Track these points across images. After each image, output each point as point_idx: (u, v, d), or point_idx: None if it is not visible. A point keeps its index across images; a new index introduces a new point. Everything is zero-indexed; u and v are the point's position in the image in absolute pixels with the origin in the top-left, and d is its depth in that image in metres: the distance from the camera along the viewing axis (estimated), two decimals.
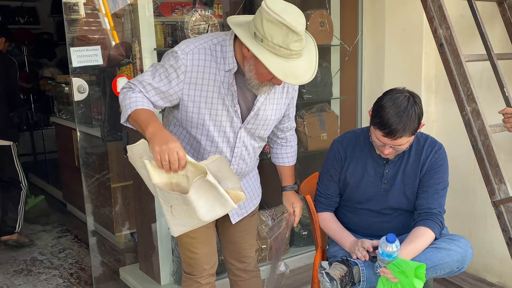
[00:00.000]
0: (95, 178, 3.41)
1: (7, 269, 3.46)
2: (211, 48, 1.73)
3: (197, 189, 1.57)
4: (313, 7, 3.31)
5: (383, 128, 1.89)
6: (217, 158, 1.66)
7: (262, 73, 1.66)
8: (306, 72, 1.65)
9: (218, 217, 1.68)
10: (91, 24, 2.76)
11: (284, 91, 1.90)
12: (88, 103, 3.52)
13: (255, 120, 1.84)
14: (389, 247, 1.80)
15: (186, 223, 1.68)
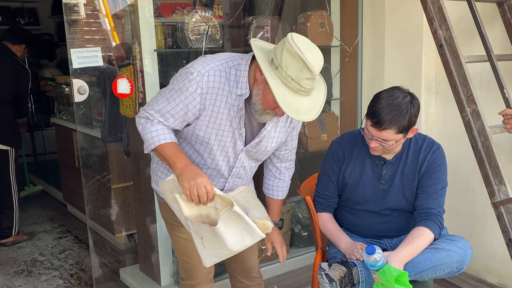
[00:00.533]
0: (95, 179, 3.42)
1: (8, 270, 3.47)
2: (226, 71, 1.73)
3: (225, 221, 1.63)
4: (313, 8, 3.32)
5: (371, 117, 1.93)
6: (244, 189, 1.76)
7: (268, 100, 1.67)
8: (309, 112, 1.66)
9: (247, 247, 1.72)
10: (92, 25, 2.76)
11: (287, 124, 1.90)
12: (89, 104, 3.52)
13: (256, 146, 1.84)
14: (371, 258, 1.82)
15: (216, 254, 1.73)
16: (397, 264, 1.85)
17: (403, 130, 1.93)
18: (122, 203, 3.54)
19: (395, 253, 1.90)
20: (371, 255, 1.82)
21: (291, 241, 3.35)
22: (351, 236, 2.15)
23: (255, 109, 1.72)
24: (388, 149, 2.00)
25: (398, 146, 2.02)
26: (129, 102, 2.75)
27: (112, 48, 2.70)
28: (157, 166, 1.97)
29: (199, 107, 1.72)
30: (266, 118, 1.75)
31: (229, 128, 1.77)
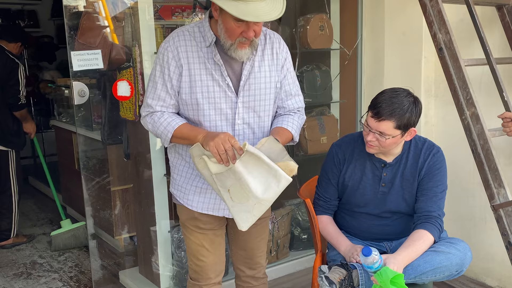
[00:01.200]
0: (95, 182, 3.41)
1: (7, 272, 3.46)
2: (189, 30, 1.84)
3: (245, 163, 1.66)
4: (313, 11, 3.32)
5: (373, 108, 1.96)
6: (266, 139, 1.76)
7: (230, 28, 1.71)
8: (269, 13, 1.67)
9: (276, 194, 1.72)
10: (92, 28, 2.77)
11: (274, 57, 1.89)
12: (89, 107, 3.52)
13: (249, 91, 1.84)
14: (368, 259, 1.82)
15: (247, 208, 1.73)
16: (396, 266, 1.85)
17: (401, 126, 1.94)
18: (122, 206, 3.54)
19: (393, 256, 1.90)
20: (368, 256, 1.82)
21: (291, 243, 3.35)
22: (351, 239, 2.15)
23: (227, 48, 1.77)
24: (384, 146, 2.00)
25: (394, 145, 2.02)
26: (129, 104, 2.75)
27: (112, 51, 2.70)
28: (172, 168, 2.00)
29: (179, 70, 1.80)
30: (243, 53, 1.77)
31: (212, 82, 1.80)
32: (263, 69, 1.86)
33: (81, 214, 4.10)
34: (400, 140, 2.01)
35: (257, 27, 1.73)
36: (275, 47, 1.91)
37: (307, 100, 3.32)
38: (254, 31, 1.72)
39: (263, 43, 1.90)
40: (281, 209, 3.22)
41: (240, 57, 1.78)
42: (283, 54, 1.94)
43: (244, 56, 1.78)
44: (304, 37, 3.27)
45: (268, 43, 1.91)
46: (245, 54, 1.78)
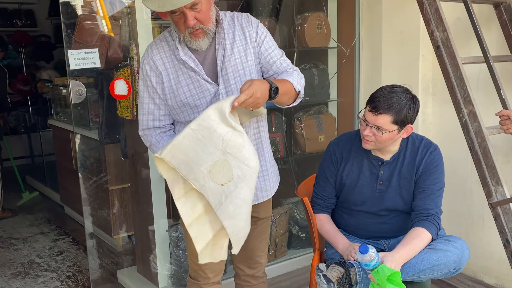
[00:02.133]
0: (92, 181, 3.41)
1: (5, 272, 3.46)
2: (160, 37, 1.88)
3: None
4: (310, 10, 3.32)
5: (370, 102, 1.98)
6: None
7: (174, 22, 1.75)
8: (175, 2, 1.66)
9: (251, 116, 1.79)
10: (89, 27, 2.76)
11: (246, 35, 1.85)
12: (86, 106, 3.52)
13: (227, 75, 1.82)
14: (365, 257, 1.83)
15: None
16: (393, 264, 1.86)
17: (398, 121, 1.95)
18: (120, 205, 3.54)
19: (391, 254, 1.90)
20: (365, 254, 1.82)
21: (289, 242, 3.36)
22: (348, 237, 2.15)
23: (184, 40, 1.79)
24: (381, 141, 2.00)
25: (390, 141, 2.02)
26: (126, 103, 2.75)
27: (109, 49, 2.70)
28: None
29: (160, 78, 1.83)
30: (200, 43, 1.77)
31: (190, 79, 1.81)
32: (236, 50, 1.84)
33: (79, 213, 4.10)
34: (397, 137, 2.02)
35: (196, 13, 1.70)
36: (244, 26, 1.88)
37: (304, 99, 3.32)
38: (196, 19, 1.70)
39: (233, 25, 1.87)
40: (279, 207, 3.22)
41: (200, 46, 1.78)
42: (252, 28, 1.89)
43: (203, 45, 1.78)
44: (301, 36, 3.27)
45: (237, 25, 1.88)
46: (203, 44, 1.78)
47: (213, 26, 1.79)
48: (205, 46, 1.79)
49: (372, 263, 1.83)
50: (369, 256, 1.82)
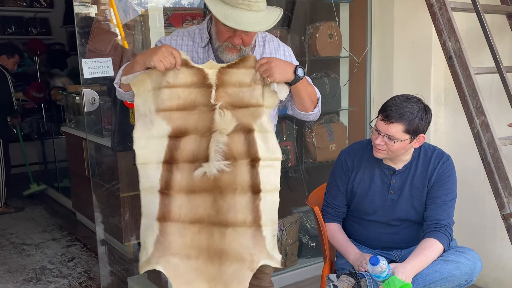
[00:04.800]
0: (104, 188, 3.43)
1: (17, 277, 3.48)
2: (189, 32, 1.88)
3: None
4: (322, 19, 3.33)
5: (383, 111, 1.98)
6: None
7: (219, 30, 1.75)
8: (254, 24, 1.68)
9: None
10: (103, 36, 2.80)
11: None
12: (99, 113, 3.55)
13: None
14: (376, 268, 1.82)
15: None
16: (404, 275, 1.84)
17: (410, 131, 1.94)
18: (131, 212, 3.56)
19: (402, 265, 1.89)
20: (375, 265, 1.81)
21: (299, 251, 3.35)
22: (359, 247, 2.15)
23: (216, 48, 1.80)
24: (392, 150, 1.99)
25: (402, 150, 2.01)
26: None
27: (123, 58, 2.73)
28: None
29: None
30: (230, 58, 1.78)
31: None
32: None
33: (91, 220, 4.12)
34: (409, 146, 2.01)
35: (246, 36, 1.74)
36: (273, 53, 1.92)
37: None
38: (242, 40, 1.74)
39: (262, 47, 1.91)
40: (289, 216, 3.22)
41: (228, 60, 1.80)
42: (279, 53, 1.94)
43: (231, 60, 1.80)
44: (313, 45, 3.28)
45: (267, 48, 1.92)
46: (232, 59, 1.80)
47: (249, 50, 1.82)
48: (233, 61, 1.80)
49: (383, 275, 1.82)
50: (380, 267, 1.81)
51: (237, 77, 1.75)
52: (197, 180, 1.73)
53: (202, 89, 1.73)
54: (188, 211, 1.74)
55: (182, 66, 1.72)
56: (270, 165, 1.78)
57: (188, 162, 1.74)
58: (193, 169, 1.73)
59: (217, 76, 1.74)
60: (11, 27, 6.45)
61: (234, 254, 1.76)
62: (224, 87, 1.74)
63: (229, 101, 1.74)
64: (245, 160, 1.75)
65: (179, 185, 1.74)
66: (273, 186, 1.79)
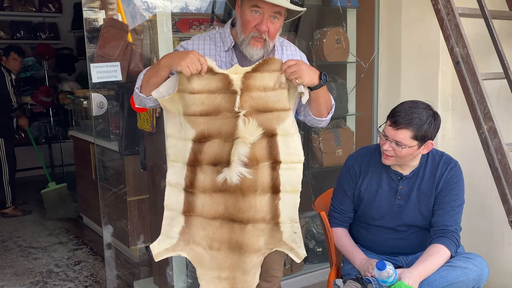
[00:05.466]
0: (111, 192, 3.44)
1: (24, 280, 3.50)
2: (210, 36, 1.90)
3: None
4: (329, 25, 3.34)
5: (391, 117, 1.98)
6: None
7: (246, 21, 1.77)
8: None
9: None
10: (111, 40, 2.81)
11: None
12: (106, 118, 3.57)
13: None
14: (382, 273, 1.81)
15: None
16: (411, 281, 1.84)
17: (419, 137, 1.94)
18: (138, 216, 3.56)
19: (409, 270, 1.88)
20: (382, 270, 1.81)
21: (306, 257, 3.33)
22: (366, 253, 2.14)
23: (241, 43, 1.81)
24: (400, 156, 1.99)
25: (410, 156, 2.01)
26: (146, 116, 2.78)
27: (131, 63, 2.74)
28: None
29: None
30: (254, 52, 1.80)
31: None
32: None
33: (97, 223, 4.14)
34: (417, 153, 2.01)
35: (271, 24, 1.78)
36: (290, 56, 1.97)
37: None
38: (268, 28, 1.77)
39: (280, 52, 1.95)
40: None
41: (252, 55, 1.81)
42: (296, 58, 1.96)
43: (256, 55, 1.82)
44: (320, 50, 3.29)
45: (285, 53, 1.97)
46: (257, 54, 1.82)
47: (272, 45, 1.85)
48: (257, 57, 1.82)
49: (390, 280, 1.82)
50: (387, 272, 1.81)
51: (261, 81, 1.76)
52: (220, 182, 1.79)
53: (227, 95, 1.75)
54: (210, 208, 1.83)
55: (207, 72, 1.73)
56: (292, 168, 1.83)
57: (211, 164, 1.79)
58: (215, 171, 1.79)
59: (242, 81, 1.75)
60: (20, 32, 6.50)
61: (253, 247, 1.85)
62: (249, 91, 1.76)
63: (254, 105, 1.76)
64: (266, 162, 1.80)
65: (203, 185, 1.81)
66: (294, 188, 1.86)
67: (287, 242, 1.90)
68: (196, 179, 1.80)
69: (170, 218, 1.89)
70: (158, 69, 1.78)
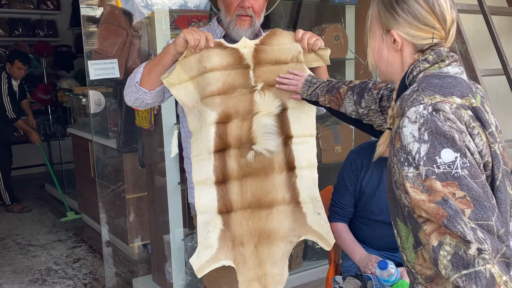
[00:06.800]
0: (110, 189, 3.44)
1: (23, 278, 3.50)
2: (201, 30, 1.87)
3: None
4: (328, 21, 3.33)
5: None
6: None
7: (228, 2, 1.78)
8: None
9: None
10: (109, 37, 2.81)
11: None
12: (105, 115, 3.56)
13: None
14: (384, 272, 1.81)
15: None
16: None
17: None
18: (136, 213, 3.57)
19: None
20: (384, 269, 1.81)
21: (304, 253, 3.34)
22: (366, 249, 2.13)
23: (228, 26, 1.81)
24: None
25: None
26: (144, 113, 2.78)
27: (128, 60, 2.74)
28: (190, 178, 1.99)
29: None
30: (242, 31, 1.79)
31: None
32: None
33: (96, 221, 4.14)
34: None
35: (254, 1, 1.78)
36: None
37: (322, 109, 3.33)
38: (252, 4, 1.77)
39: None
40: None
41: (240, 35, 1.79)
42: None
43: (243, 34, 1.80)
44: None
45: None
46: (244, 33, 1.80)
47: (258, 24, 1.84)
48: (247, 36, 1.79)
49: (392, 279, 1.81)
50: (388, 271, 1.80)
51: (273, 54, 1.73)
52: (244, 165, 1.71)
53: (240, 70, 1.71)
54: (241, 197, 1.73)
55: (216, 47, 1.69)
56: (304, 142, 1.79)
57: (235, 148, 1.72)
58: (239, 154, 1.71)
59: (253, 56, 1.72)
60: (18, 29, 6.49)
61: (279, 233, 1.77)
62: (260, 65, 1.72)
63: (265, 79, 1.72)
64: (279, 138, 1.75)
65: (233, 172, 1.72)
66: (309, 162, 1.82)
67: (313, 226, 1.81)
68: (226, 166, 1.71)
69: (205, 223, 1.72)
70: (161, 57, 1.72)
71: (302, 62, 1.76)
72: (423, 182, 1.03)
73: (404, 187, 1.07)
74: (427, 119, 1.04)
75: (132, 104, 1.82)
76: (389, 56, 1.25)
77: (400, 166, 1.07)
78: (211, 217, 1.72)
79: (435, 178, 1.01)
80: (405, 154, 1.06)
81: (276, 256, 1.79)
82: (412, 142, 1.04)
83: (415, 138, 1.04)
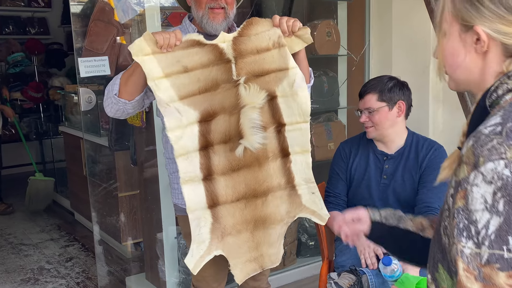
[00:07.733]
0: (102, 187, 3.43)
1: (15, 278, 3.48)
2: (171, 30, 1.85)
3: None
4: (320, 17, 3.32)
5: (359, 93, 2.15)
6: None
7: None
8: None
9: None
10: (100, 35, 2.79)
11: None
12: (96, 113, 3.54)
13: None
14: (388, 268, 1.81)
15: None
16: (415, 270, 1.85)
17: (385, 98, 2.06)
18: (129, 212, 3.55)
19: None
20: (388, 266, 1.81)
21: (298, 250, 3.34)
22: None
23: (201, 21, 1.80)
24: (377, 123, 2.09)
25: (387, 122, 2.09)
26: None
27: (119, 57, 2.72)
28: (172, 179, 1.97)
29: None
30: (217, 25, 1.79)
31: None
32: None
33: (88, 219, 4.12)
34: (392, 116, 2.09)
35: None
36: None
37: (314, 106, 3.32)
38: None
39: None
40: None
41: (216, 29, 1.78)
42: None
43: (220, 28, 1.79)
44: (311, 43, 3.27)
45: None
46: (220, 27, 1.79)
47: (232, 15, 1.84)
48: (221, 30, 1.78)
49: (396, 274, 1.82)
50: (393, 267, 1.81)
51: (252, 44, 1.71)
52: (235, 158, 1.71)
53: (221, 66, 1.69)
54: (233, 191, 1.74)
55: (195, 46, 1.67)
56: (297, 129, 1.79)
57: (222, 143, 1.71)
58: (228, 149, 1.72)
59: (233, 49, 1.70)
60: (9, 27, 6.43)
61: (275, 217, 1.80)
62: (242, 57, 1.70)
63: (250, 70, 1.71)
64: (272, 127, 1.75)
65: (220, 167, 1.72)
66: (302, 148, 1.82)
67: (308, 205, 1.83)
68: (211, 163, 1.71)
69: (196, 220, 1.73)
70: (135, 66, 1.69)
71: (284, 45, 1.73)
72: (481, 266, 0.76)
73: (455, 264, 0.81)
74: (506, 183, 0.75)
75: (113, 115, 1.81)
76: (467, 59, 0.93)
77: (458, 234, 0.80)
78: (200, 213, 1.73)
79: (499, 268, 0.75)
80: (467, 221, 0.78)
81: (272, 238, 1.80)
82: (482, 210, 0.76)
83: (487, 206, 0.76)
